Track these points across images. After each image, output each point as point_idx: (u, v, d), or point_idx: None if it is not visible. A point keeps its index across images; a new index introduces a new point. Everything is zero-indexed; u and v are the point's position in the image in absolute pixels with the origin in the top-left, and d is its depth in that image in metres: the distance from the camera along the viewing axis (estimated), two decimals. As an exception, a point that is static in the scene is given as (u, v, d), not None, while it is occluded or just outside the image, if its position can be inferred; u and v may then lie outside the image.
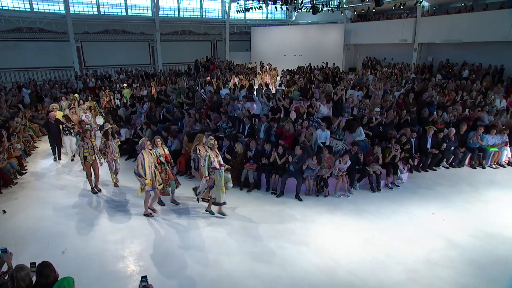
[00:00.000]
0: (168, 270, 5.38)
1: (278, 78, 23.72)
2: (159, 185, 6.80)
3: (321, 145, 8.70)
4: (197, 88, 15.98)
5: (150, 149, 6.68)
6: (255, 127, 9.46)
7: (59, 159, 10.08)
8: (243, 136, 9.19)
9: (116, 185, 8.43)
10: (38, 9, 21.56)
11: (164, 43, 25.54)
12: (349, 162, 7.89)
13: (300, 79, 20.93)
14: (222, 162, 6.77)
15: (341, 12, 26.50)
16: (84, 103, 11.86)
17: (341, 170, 7.85)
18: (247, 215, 7.13)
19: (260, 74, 23.10)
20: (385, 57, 25.92)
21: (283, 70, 24.39)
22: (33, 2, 21.27)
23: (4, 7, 20.25)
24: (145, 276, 3.59)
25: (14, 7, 20.72)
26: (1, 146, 8.50)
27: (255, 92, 13.57)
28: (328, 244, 6.17)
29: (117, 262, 5.57)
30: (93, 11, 23.33)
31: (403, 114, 10.37)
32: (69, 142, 9.97)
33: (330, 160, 7.88)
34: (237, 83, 19.18)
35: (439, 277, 5.27)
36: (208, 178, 6.55)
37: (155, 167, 6.71)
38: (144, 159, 6.43)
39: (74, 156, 10.08)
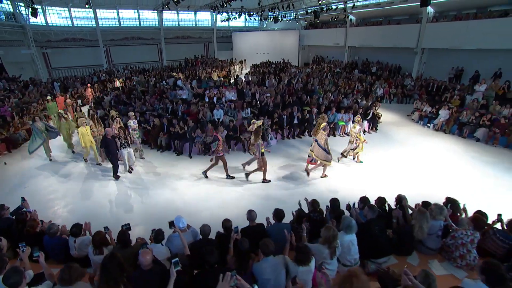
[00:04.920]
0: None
1: (247, 69, 23.72)
2: None
3: (216, 120, 9.20)
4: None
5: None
6: (174, 108, 9.87)
7: (117, 177, 7.10)
8: (167, 114, 9.69)
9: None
10: (77, 24, 21.79)
11: (168, 45, 25.43)
12: (225, 131, 8.37)
13: (261, 70, 21.04)
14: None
15: (297, 22, 25.81)
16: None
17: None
18: (159, 166, 7.81)
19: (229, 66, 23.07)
20: (328, 55, 25.38)
21: (252, 64, 24.36)
22: (73, 20, 21.57)
23: (54, 24, 20.72)
24: None
25: (61, 23, 21.14)
26: (11, 123, 9.29)
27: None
28: (186, 184, 6.83)
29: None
30: (115, 24, 23.27)
31: (286, 98, 10.66)
32: (127, 154, 7.25)
33: (212, 131, 8.35)
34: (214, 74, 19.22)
35: (244, 205, 5.72)
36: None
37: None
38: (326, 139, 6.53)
39: (132, 169, 7.55)
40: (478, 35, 13.25)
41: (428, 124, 10.60)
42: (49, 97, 11.23)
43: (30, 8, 15.93)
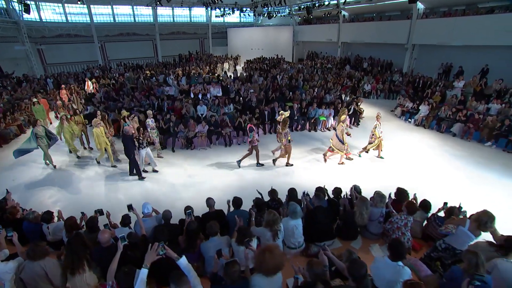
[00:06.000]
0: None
1: (241, 65, 24.02)
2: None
3: (200, 115, 9.54)
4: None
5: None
6: (160, 104, 10.18)
7: (142, 178, 7.02)
8: (154, 110, 10.00)
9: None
10: (72, 20, 21.98)
11: (163, 41, 25.62)
12: (207, 126, 8.72)
13: (254, 66, 21.36)
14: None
15: (291, 17, 25.93)
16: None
17: (201, 132, 8.70)
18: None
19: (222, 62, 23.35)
20: (322, 51, 25.55)
21: (245, 60, 24.61)
22: (67, 16, 21.80)
23: (48, 20, 20.93)
24: None
25: (55, 19, 21.34)
26: (2, 119, 9.64)
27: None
28: (166, 176, 7.21)
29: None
30: (110, 20, 23.48)
31: (270, 94, 10.96)
32: (146, 153, 7.04)
33: (193, 126, 8.73)
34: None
35: (216, 195, 5.93)
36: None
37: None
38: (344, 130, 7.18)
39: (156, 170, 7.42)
40: (464, 32, 13.47)
41: (409, 119, 10.91)
42: (34, 100, 10.41)
43: (22, 5, 16.26)
